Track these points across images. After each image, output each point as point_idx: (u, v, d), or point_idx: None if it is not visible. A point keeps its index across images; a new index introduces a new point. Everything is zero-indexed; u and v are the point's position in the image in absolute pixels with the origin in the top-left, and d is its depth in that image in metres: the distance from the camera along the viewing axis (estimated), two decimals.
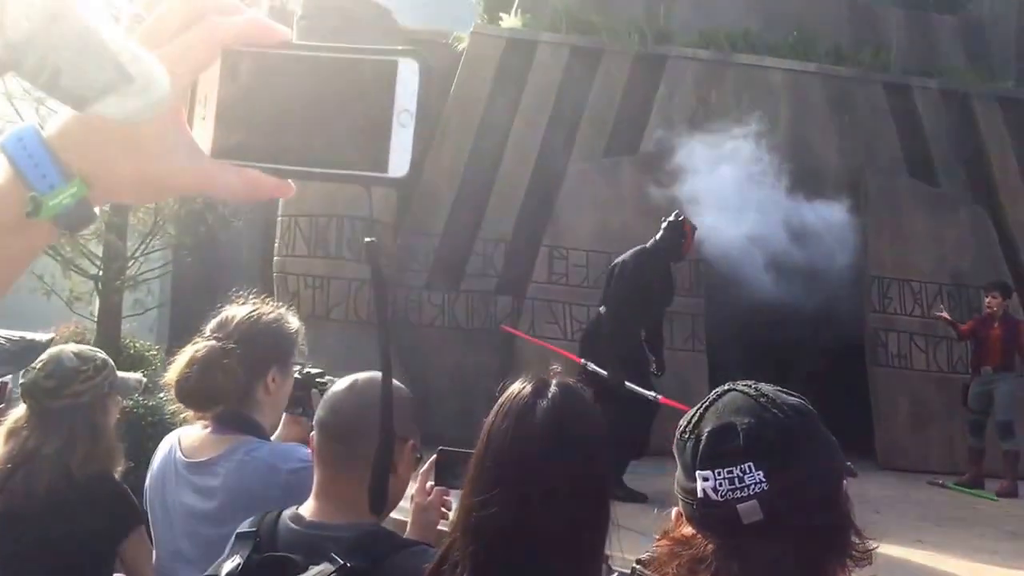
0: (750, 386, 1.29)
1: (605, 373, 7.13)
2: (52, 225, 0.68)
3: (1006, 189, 11.70)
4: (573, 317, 10.28)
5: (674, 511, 1.32)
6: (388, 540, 1.89)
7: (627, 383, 7.04)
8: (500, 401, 1.60)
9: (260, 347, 2.54)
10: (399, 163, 0.72)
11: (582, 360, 7.38)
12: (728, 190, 9.63)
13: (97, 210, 0.70)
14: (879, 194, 11.02)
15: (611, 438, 1.61)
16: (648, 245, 7.75)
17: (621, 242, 10.15)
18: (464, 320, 10.54)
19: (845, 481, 1.25)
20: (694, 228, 7.91)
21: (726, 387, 1.32)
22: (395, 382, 2.00)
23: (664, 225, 7.80)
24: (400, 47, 0.73)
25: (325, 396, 2.09)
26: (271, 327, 2.58)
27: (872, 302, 10.79)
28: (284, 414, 2.73)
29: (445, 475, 2.19)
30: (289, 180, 0.75)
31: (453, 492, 2.14)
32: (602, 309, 7.72)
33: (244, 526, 2.00)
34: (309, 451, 2.46)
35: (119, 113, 0.62)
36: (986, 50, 12.62)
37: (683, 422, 1.30)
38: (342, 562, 1.78)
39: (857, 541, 1.23)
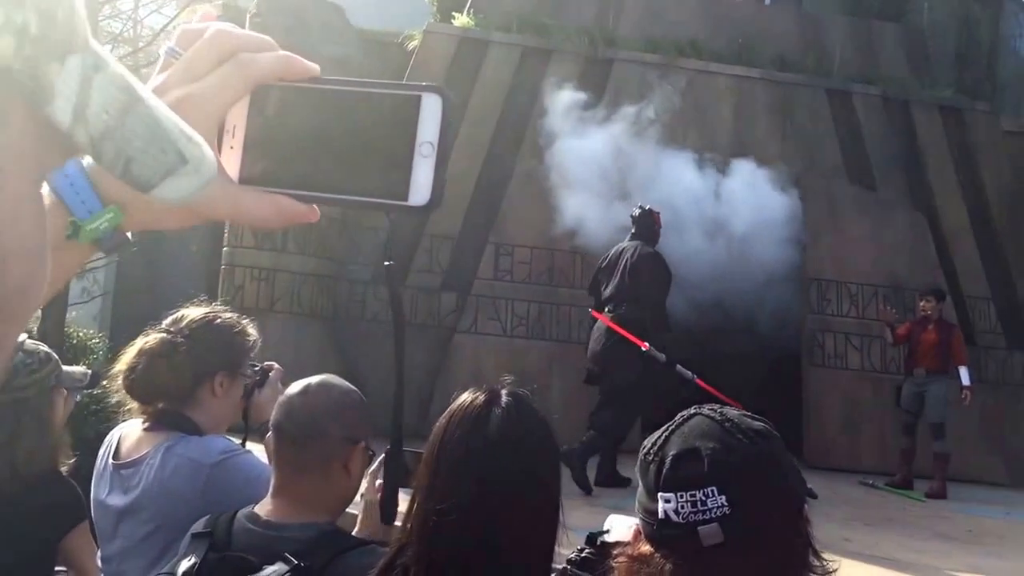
0: (715, 410, 1.30)
1: (663, 357, 7.73)
2: (92, 245, 0.73)
3: (943, 195, 11.96)
4: (514, 313, 10.39)
5: (632, 529, 1.33)
6: (341, 540, 1.96)
7: (678, 366, 7.89)
8: (451, 409, 1.63)
9: (211, 348, 2.54)
10: (420, 192, 0.75)
11: (646, 345, 7.67)
12: (674, 189, 9.78)
13: (130, 234, 0.74)
14: (819, 198, 11.22)
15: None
16: (645, 242, 8.20)
17: (565, 240, 10.33)
18: (408, 315, 10.58)
19: (806, 504, 1.28)
20: (659, 213, 8.41)
21: (692, 411, 1.33)
22: (348, 385, 2.16)
23: (639, 218, 8.29)
24: (425, 83, 0.76)
25: (280, 400, 2.15)
26: (225, 331, 2.58)
27: (811, 304, 10.99)
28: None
29: (394, 474, 2.22)
30: (314, 205, 0.78)
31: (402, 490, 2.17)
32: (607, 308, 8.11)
33: (198, 526, 2.05)
34: (231, 441, 2.54)
35: (175, 195, 0.64)
36: (927, 58, 12.88)
37: (647, 444, 1.31)
38: (296, 562, 1.83)
39: (817, 563, 1.26)
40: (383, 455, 2.22)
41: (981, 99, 12.76)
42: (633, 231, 8.31)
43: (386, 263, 1.02)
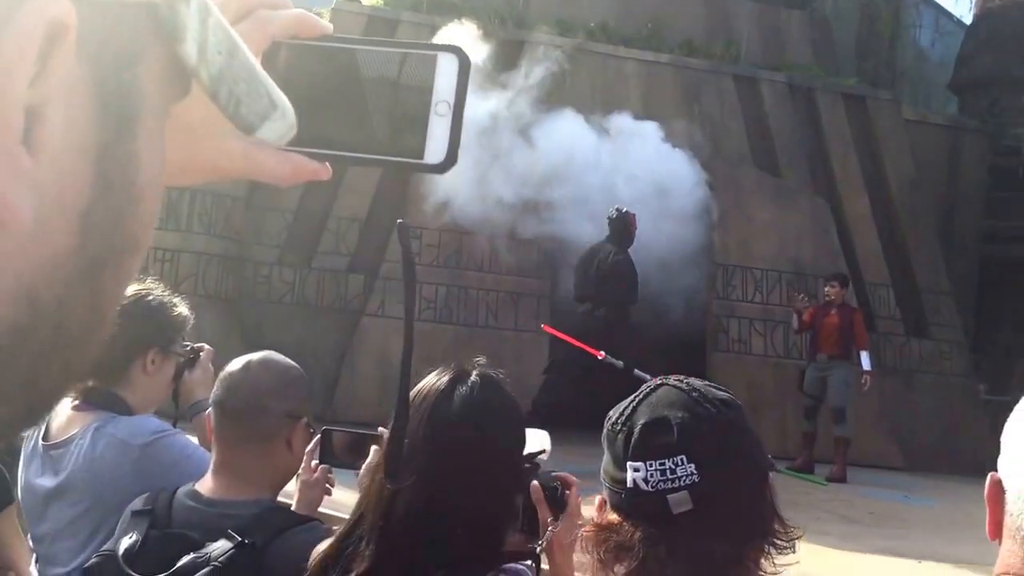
0: (682, 380, 1.33)
1: (620, 363, 7.68)
2: None
3: (845, 182, 12.19)
4: (422, 296, 10.26)
5: (598, 498, 1.34)
6: (284, 516, 2.00)
7: (636, 370, 7.84)
8: (420, 386, 1.64)
9: (142, 325, 2.50)
10: (436, 150, 0.75)
11: (602, 354, 7.70)
12: (585, 174, 9.75)
13: None
14: (725, 184, 11.33)
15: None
16: (619, 244, 8.57)
17: (473, 223, 10.23)
18: (313, 298, 10.43)
19: (771, 473, 1.30)
20: (634, 215, 8.75)
21: (658, 381, 1.34)
22: (289, 361, 2.20)
23: (615, 220, 8.67)
24: (441, 43, 0.76)
25: (221, 376, 2.16)
26: (156, 308, 2.56)
27: (716, 289, 11.11)
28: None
29: (329, 453, 2.26)
30: (327, 163, 0.78)
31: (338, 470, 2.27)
32: (582, 309, 8.43)
33: (137, 504, 2.05)
34: (162, 422, 2.55)
35: (272, 137, 0.66)
36: (831, 47, 13.10)
37: (613, 414, 1.32)
38: (240, 539, 1.85)
39: (781, 530, 1.27)
40: (318, 435, 2.24)
41: (882, 88, 13.04)
42: (608, 233, 8.61)
43: (399, 221, 1.07)
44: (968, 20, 18.55)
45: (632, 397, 1.34)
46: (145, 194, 0.54)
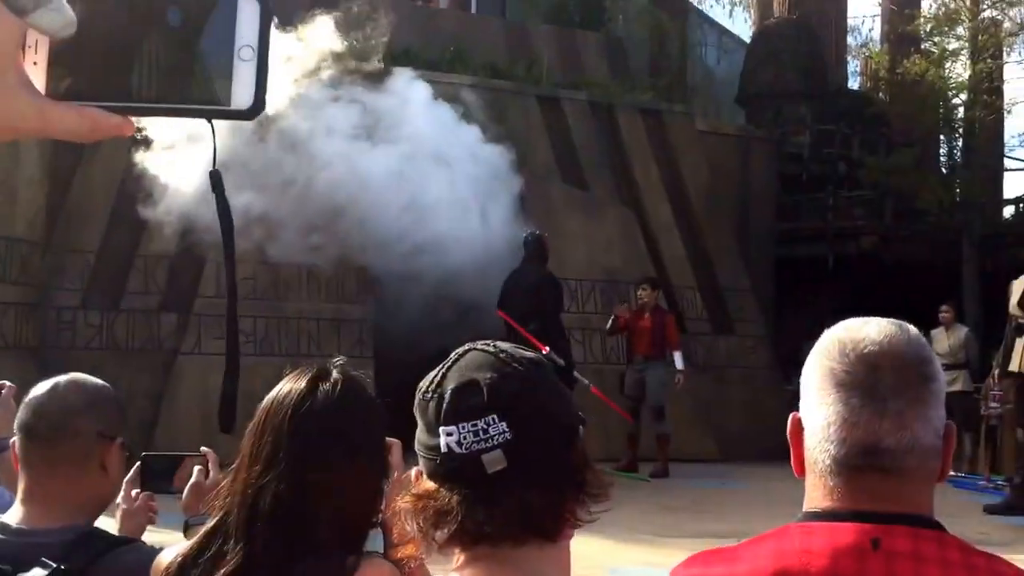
0: (489, 344, 1.34)
1: (562, 361, 8.59)
2: None
3: (648, 192, 12.75)
4: (240, 329, 10.03)
5: (413, 471, 1.34)
6: (102, 540, 1.93)
7: (575, 372, 9.17)
8: (279, 386, 1.64)
9: None
10: (242, 96, 0.75)
11: (546, 348, 8.34)
12: (394, 193, 9.80)
13: None
14: (535, 199, 11.63)
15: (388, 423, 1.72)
16: (538, 263, 9.45)
17: (288, 252, 10.09)
18: (124, 340, 10.03)
19: (581, 427, 1.32)
20: (547, 237, 9.71)
21: (466, 347, 1.34)
22: (99, 381, 2.12)
23: (531, 243, 9.46)
24: None
25: (26, 399, 2.06)
26: None
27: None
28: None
29: (150, 480, 2.21)
30: (130, 117, 0.75)
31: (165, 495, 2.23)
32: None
33: None
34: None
35: (47, 25, 0.66)
36: (626, 65, 13.70)
37: (424, 384, 1.32)
38: (54, 566, 1.79)
39: (594, 480, 1.30)
40: (138, 463, 2.19)
41: (676, 102, 13.72)
42: (525, 255, 9.46)
43: (211, 170, 0.99)
44: (748, 38, 19.76)
45: (441, 365, 1.34)
46: None
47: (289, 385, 1.64)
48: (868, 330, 1.35)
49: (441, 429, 1.26)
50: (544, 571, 1.25)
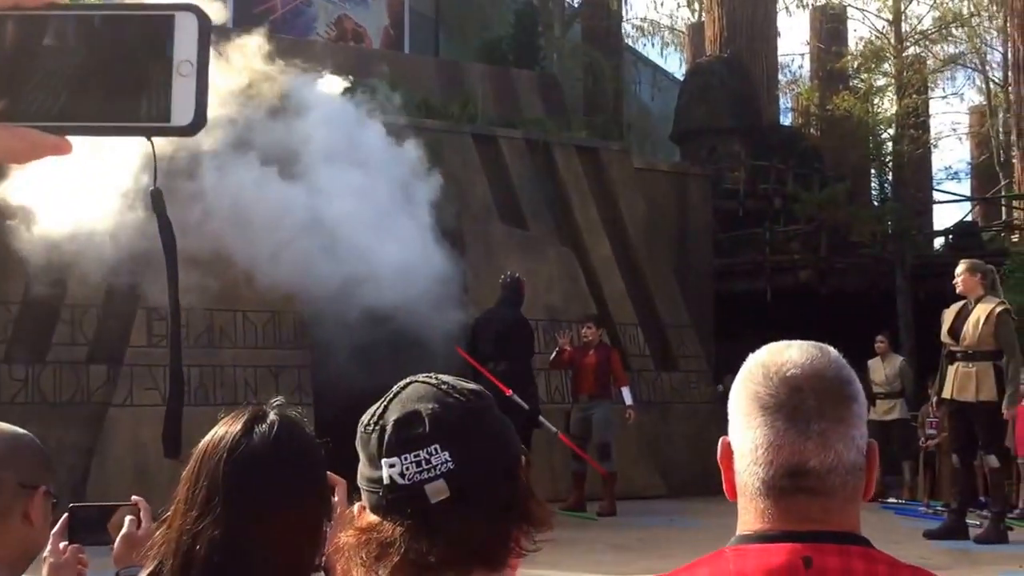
0: (431, 376, 1.35)
1: (527, 406, 8.79)
2: None
3: (588, 229, 12.75)
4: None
5: (356, 506, 1.34)
6: None
7: (540, 418, 9.32)
8: (215, 429, 1.61)
9: None
10: (182, 112, 0.74)
11: (509, 391, 8.59)
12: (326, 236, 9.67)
13: None
14: (474, 239, 11.55)
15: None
16: (512, 305, 9.60)
17: (221, 300, 9.88)
18: (51, 393, 9.70)
19: (523, 458, 1.33)
20: (524, 281, 9.85)
21: (408, 380, 1.36)
22: (18, 428, 2.03)
23: (508, 285, 9.65)
24: (177, 2, 0.75)
25: None
26: None
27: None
28: None
29: (79, 532, 2.12)
30: (67, 137, 0.75)
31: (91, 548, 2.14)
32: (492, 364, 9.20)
33: None
34: None
35: None
36: (561, 103, 13.76)
37: (365, 417, 1.33)
38: None
39: (537, 508, 1.31)
40: (65, 515, 2.10)
41: (612, 139, 13.79)
42: (501, 296, 9.65)
43: (151, 189, 1.05)
44: (681, 76, 20.06)
45: (382, 399, 1.35)
46: None
47: (224, 428, 1.60)
48: (791, 353, 1.39)
49: (383, 461, 1.27)
50: None
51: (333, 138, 10.14)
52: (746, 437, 1.36)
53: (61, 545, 2.09)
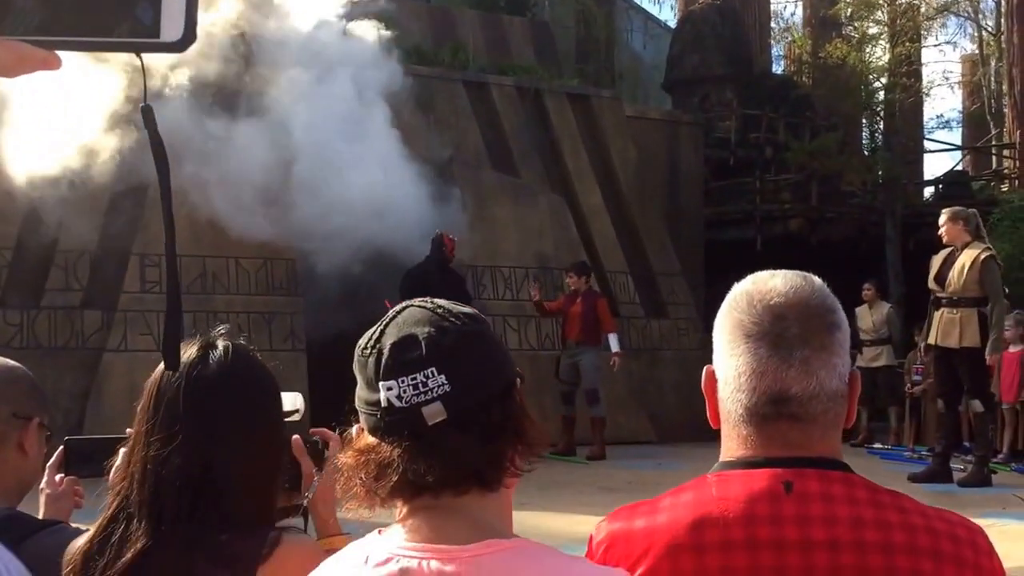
0: (427, 300, 1.36)
1: None
2: None
3: (578, 177, 12.77)
4: None
5: (354, 428, 1.35)
6: (23, 522, 1.88)
7: None
8: None
9: None
10: (172, 28, 0.73)
11: None
12: (319, 182, 9.70)
13: None
14: (467, 186, 11.58)
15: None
16: (439, 261, 9.68)
17: (214, 247, 9.92)
18: (46, 339, 9.74)
19: (518, 380, 1.34)
20: (453, 239, 9.84)
21: (403, 304, 1.36)
22: (10, 361, 2.06)
23: (433, 241, 9.66)
24: None
25: None
26: None
27: (468, 291, 11.30)
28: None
29: (75, 464, 2.16)
30: (56, 52, 0.74)
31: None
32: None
33: None
34: None
35: None
36: (553, 51, 13.70)
37: (363, 341, 1.34)
38: None
39: (531, 429, 1.31)
40: (60, 448, 2.14)
41: (604, 87, 13.75)
42: (429, 252, 9.66)
43: (142, 105, 0.98)
44: (673, 24, 19.93)
45: (379, 322, 1.36)
46: None
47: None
48: (775, 282, 1.40)
49: (381, 384, 1.28)
50: (486, 519, 1.27)
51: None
52: (729, 364, 1.38)
53: (57, 477, 2.13)
